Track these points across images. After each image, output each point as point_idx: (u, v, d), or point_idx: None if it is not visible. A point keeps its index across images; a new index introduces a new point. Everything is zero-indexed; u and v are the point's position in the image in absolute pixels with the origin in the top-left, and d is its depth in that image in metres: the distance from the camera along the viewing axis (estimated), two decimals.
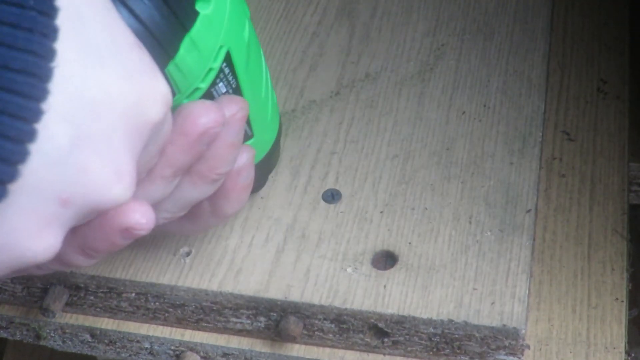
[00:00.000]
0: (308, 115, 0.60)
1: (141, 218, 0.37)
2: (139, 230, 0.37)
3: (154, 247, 0.53)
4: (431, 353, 0.50)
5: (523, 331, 0.48)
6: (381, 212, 0.54)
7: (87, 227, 0.37)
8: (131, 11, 0.39)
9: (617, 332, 0.51)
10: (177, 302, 0.52)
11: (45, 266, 0.40)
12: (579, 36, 0.68)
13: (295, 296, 0.50)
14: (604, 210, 0.57)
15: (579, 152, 0.60)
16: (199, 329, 0.53)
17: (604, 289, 0.53)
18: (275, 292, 0.50)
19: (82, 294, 0.53)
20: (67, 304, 0.53)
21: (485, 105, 0.59)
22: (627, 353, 0.51)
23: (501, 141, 0.57)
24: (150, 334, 0.53)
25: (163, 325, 0.53)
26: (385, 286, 0.50)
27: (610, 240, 0.56)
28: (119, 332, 0.54)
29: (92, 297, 0.53)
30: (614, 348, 0.51)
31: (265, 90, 0.50)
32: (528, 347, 0.51)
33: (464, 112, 0.59)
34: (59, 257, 0.37)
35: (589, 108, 0.63)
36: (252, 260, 0.52)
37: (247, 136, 0.49)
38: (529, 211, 0.53)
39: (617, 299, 0.53)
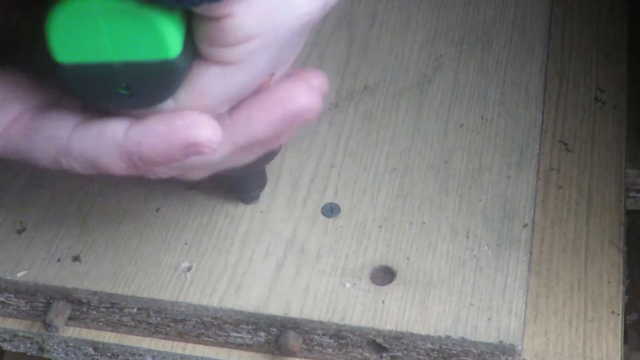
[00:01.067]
0: (307, 127, 0.60)
1: (213, 135, 0.37)
2: (207, 147, 0.37)
3: (155, 262, 0.53)
4: None
5: (520, 347, 0.49)
6: (379, 226, 0.54)
7: (146, 134, 0.38)
8: None
9: (613, 345, 0.52)
10: (179, 317, 0.52)
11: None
12: (577, 43, 0.68)
13: (294, 312, 0.51)
14: (600, 221, 0.57)
15: (576, 163, 0.61)
16: (200, 343, 0.54)
17: (600, 302, 0.54)
18: (275, 308, 0.51)
19: (84, 309, 0.54)
20: (70, 318, 0.54)
21: (483, 118, 0.60)
22: None
23: (499, 154, 0.57)
24: (152, 347, 0.54)
25: (165, 339, 0.54)
26: (383, 302, 0.51)
27: (607, 252, 0.56)
28: (121, 345, 0.54)
29: (94, 312, 0.54)
30: None
31: None
32: None
33: (461, 125, 0.59)
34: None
35: (586, 117, 0.64)
36: (252, 275, 0.52)
37: None
38: (525, 225, 0.53)
39: (613, 312, 0.53)
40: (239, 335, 0.52)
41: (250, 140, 0.41)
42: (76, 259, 0.54)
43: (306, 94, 0.40)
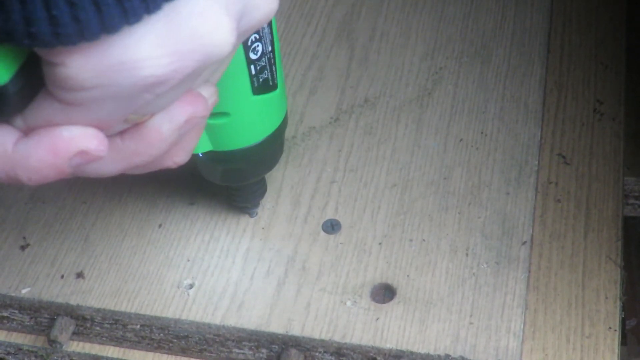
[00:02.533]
0: (308, 142, 0.61)
1: (99, 144, 0.37)
2: (93, 156, 0.37)
3: (158, 279, 0.54)
4: None
5: None
6: (380, 243, 0.55)
7: (34, 146, 0.37)
8: None
9: None
10: (181, 334, 0.53)
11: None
12: (575, 55, 0.69)
13: (296, 330, 0.51)
14: (598, 237, 0.58)
15: (574, 177, 0.61)
16: (203, 358, 0.54)
17: (597, 318, 0.54)
18: (276, 326, 0.51)
19: (88, 325, 0.54)
20: (74, 333, 0.55)
21: (482, 133, 0.60)
22: None
23: (498, 170, 0.58)
24: None
25: (168, 354, 0.55)
26: (383, 320, 0.51)
27: (604, 267, 0.57)
28: None
29: (98, 328, 0.54)
30: None
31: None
32: None
33: (461, 140, 0.60)
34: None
35: (585, 130, 0.64)
36: (253, 293, 0.53)
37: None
38: (524, 243, 0.54)
39: (610, 328, 0.54)
40: (241, 351, 0.53)
41: (144, 158, 0.40)
42: (80, 275, 0.55)
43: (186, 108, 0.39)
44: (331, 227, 0.56)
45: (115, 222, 0.57)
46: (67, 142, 0.37)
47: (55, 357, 0.56)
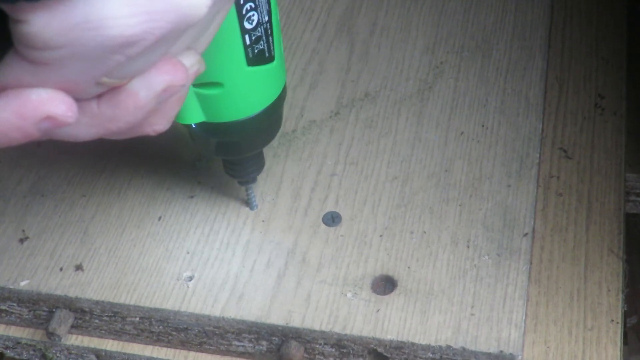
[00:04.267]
0: (308, 136, 0.61)
1: (67, 110, 0.36)
2: (61, 121, 0.36)
3: (158, 272, 0.54)
4: None
5: (519, 357, 0.49)
6: (380, 235, 0.55)
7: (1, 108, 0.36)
8: None
9: (612, 354, 0.52)
10: (181, 326, 0.53)
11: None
12: (576, 50, 0.68)
13: (296, 322, 0.51)
14: (600, 230, 0.58)
15: (576, 170, 0.61)
16: (202, 351, 0.54)
17: (599, 310, 0.54)
18: (276, 317, 0.51)
19: (87, 317, 0.54)
20: (72, 326, 0.54)
21: (483, 126, 0.60)
22: None
23: (499, 162, 0.58)
24: (155, 355, 0.54)
25: (167, 347, 0.54)
26: (384, 311, 0.51)
27: (607, 260, 0.56)
28: (124, 353, 0.55)
29: (97, 321, 0.54)
30: None
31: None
32: None
33: (462, 133, 0.60)
34: None
35: (586, 124, 0.64)
36: (253, 285, 0.53)
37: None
38: (525, 235, 0.54)
39: (612, 320, 0.54)
40: (241, 344, 0.53)
41: (120, 125, 0.39)
42: (78, 268, 0.54)
43: (165, 72, 0.38)
44: (331, 219, 0.56)
45: (114, 215, 0.57)
46: (34, 106, 0.36)
47: (54, 351, 0.56)
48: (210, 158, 0.59)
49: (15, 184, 0.59)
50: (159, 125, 0.41)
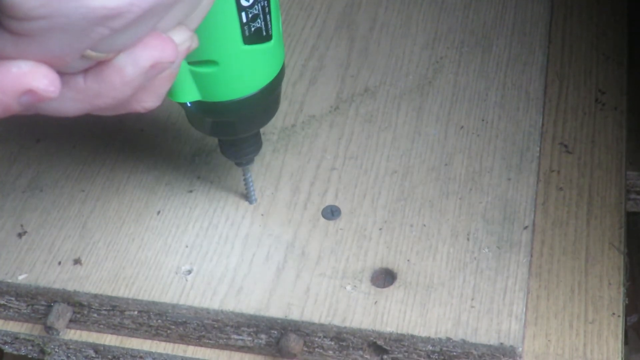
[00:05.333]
0: (308, 130, 0.60)
1: (49, 85, 0.35)
2: (43, 95, 0.36)
3: (156, 265, 0.54)
4: None
5: (520, 349, 0.49)
6: (380, 229, 0.54)
7: None
8: None
9: (613, 347, 0.52)
10: (180, 320, 0.52)
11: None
12: (577, 46, 0.68)
13: (295, 315, 0.51)
14: (601, 223, 0.57)
15: (576, 165, 0.61)
16: (201, 345, 0.54)
17: (600, 304, 0.54)
18: (275, 310, 0.51)
19: (85, 312, 0.54)
20: (71, 321, 0.54)
21: (483, 120, 0.60)
22: None
23: (499, 156, 0.57)
24: (153, 350, 0.54)
25: (166, 341, 0.54)
26: (384, 304, 0.51)
27: (607, 254, 0.56)
28: (123, 348, 0.54)
29: (95, 315, 0.54)
30: None
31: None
32: None
33: (462, 127, 0.59)
34: None
35: (586, 119, 0.64)
36: (252, 278, 0.52)
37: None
38: (526, 228, 0.53)
39: (613, 313, 0.53)
40: (240, 337, 0.52)
41: (107, 101, 0.39)
42: (77, 261, 0.54)
43: (153, 47, 0.37)
44: (331, 213, 0.55)
45: (113, 209, 0.57)
46: (15, 79, 0.35)
47: (52, 346, 0.56)
48: (209, 154, 0.59)
49: (14, 179, 0.59)
50: (148, 102, 0.40)
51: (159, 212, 0.56)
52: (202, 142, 0.60)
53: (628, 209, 0.63)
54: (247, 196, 0.56)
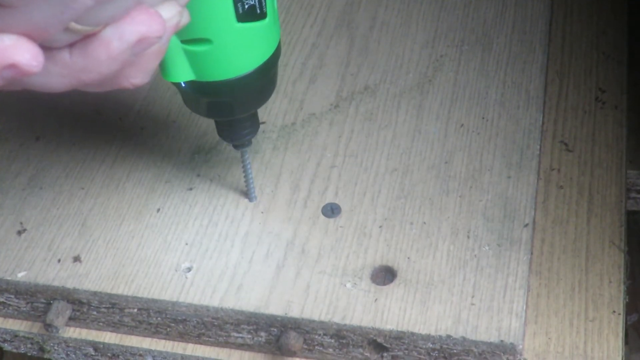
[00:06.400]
0: (308, 128, 0.60)
1: (32, 59, 0.35)
2: (26, 70, 0.35)
3: (156, 263, 0.53)
4: None
5: (520, 346, 0.48)
6: (380, 226, 0.54)
7: None
8: None
9: (614, 345, 0.52)
10: (179, 318, 0.52)
11: None
12: (577, 45, 0.68)
13: (295, 312, 0.50)
14: (601, 222, 0.57)
15: (576, 163, 0.61)
16: (200, 343, 0.54)
17: (601, 302, 0.54)
18: (275, 308, 0.51)
19: (85, 309, 0.54)
20: (70, 319, 0.54)
21: (483, 118, 0.60)
22: None
23: (499, 154, 0.57)
24: (153, 348, 0.54)
25: (165, 339, 0.54)
26: (384, 302, 0.50)
27: (608, 252, 0.56)
28: (122, 346, 0.54)
29: (95, 312, 0.54)
30: None
31: None
32: None
33: (462, 125, 0.59)
34: None
35: (587, 118, 0.64)
36: (252, 276, 0.52)
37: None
38: (526, 225, 0.53)
39: (614, 311, 0.53)
40: (240, 335, 0.52)
41: (93, 76, 0.38)
42: (76, 259, 0.54)
43: (141, 22, 0.37)
44: (331, 210, 0.55)
45: (113, 207, 0.57)
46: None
47: (51, 344, 0.55)
48: (209, 152, 0.59)
49: (14, 177, 0.59)
50: (137, 78, 0.40)
51: (158, 210, 0.56)
52: (202, 140, 0.60)
53: (628, 208, 0.63)
54: (246, 185, 0.56)
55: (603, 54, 0.68)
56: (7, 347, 0.57)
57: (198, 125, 0.61)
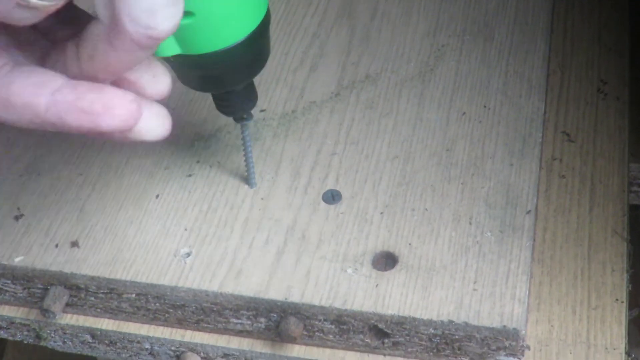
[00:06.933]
0: (308, 116, 0.60)
1: None
2: None
3: (155, 248, 0.53)
4: (432, 354, 0.50)
5: (523, 332, 0.48)
6: (381, 213, 0.54)
7: None
8: None
9: (617, 333, 0.51)
10: (178, 303, 0.52)
11: None
12: (579, 37, 0.68)
13: (295, 297, 0.50)
14: (603, 211, 0.57)
15: (579, 153, 0.60)
16: (199, 330, 0.53)
17: (604, 290, 0.53)
18: (275, 293, 0.50)
19: (82, 295, 0.53)
20: (67, 305, 0.54)
21: (485, 106, 0.59)
22: (627, 354, 0.51)
23: (501, 142, 0.57)
24: (151, 334, 0.53)
25: (163, 325, 0.53)
26: (385, 287, 0.50)
27: (610, 241, 0.56)
28: (120, 332, 0.54)
29: (92, 298, 0.53)
30: (614, 349, 0.51)
31: None
32: (528, 347, 0.51)
33: (464, 113, 0.59)
34: None
35: (589, 109, 0.63)
36: (252, 261, 0.52)
37: None
38: (529, 212, 0.53)
39: (617, 300, 0.53)
40: (239, 321, 0.52)
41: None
42: (74, 244, 0.54)
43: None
44: (332, 197, 0.55)
45: (111, 193, 0.56)
46: None
47: (48, 331, 0.55)
48: (208, 138, 0.59)
49: (12, 163, 0.59)
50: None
51: (157, 196, 0.56)
52: (202, 126, 0.60)
53: (630, 202, 0.63)
54: (245, 163, 0.55)
55: (605, 46, 0.67)
56: (3, 334, 0.56)
57: (198, 112, 0.61)
